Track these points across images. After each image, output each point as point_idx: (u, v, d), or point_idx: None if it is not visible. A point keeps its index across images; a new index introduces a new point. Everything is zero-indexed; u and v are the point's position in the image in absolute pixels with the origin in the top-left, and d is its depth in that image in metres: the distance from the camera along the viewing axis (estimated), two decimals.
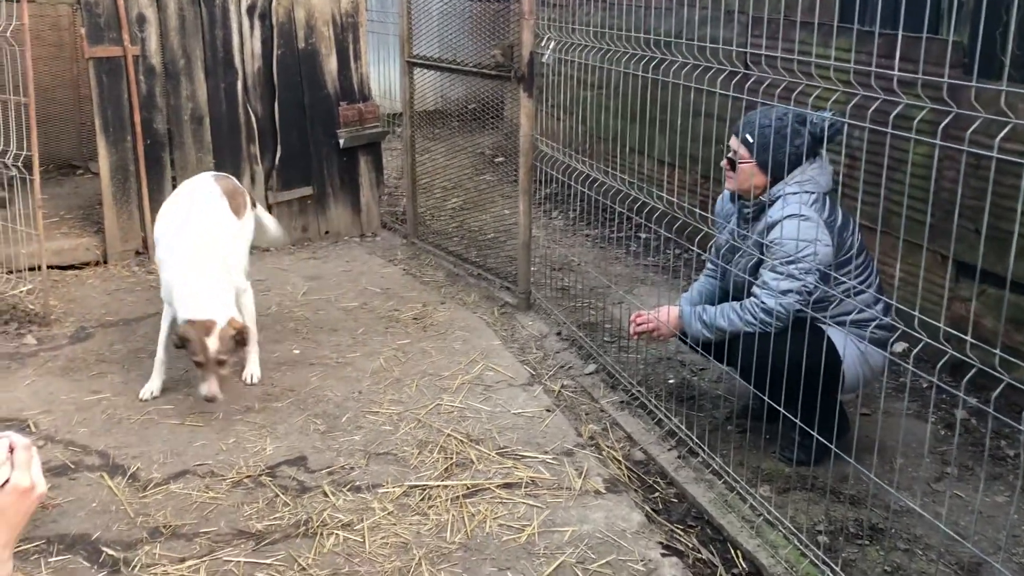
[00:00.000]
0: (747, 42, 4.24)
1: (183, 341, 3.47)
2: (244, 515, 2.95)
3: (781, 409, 2.84)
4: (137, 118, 5.27)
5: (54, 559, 2.72)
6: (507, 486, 3.12)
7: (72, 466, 3.22)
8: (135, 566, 2.69)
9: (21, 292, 4.69)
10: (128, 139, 5.29)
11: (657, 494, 3.13)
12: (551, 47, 4.34)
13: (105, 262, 5.36)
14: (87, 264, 5.34)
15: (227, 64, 5.50)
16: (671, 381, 3.89)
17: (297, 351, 4.24)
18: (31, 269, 4.76)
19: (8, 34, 4.41)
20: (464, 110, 8.35)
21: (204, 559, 2.72)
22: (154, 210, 5.40)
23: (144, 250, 5.44)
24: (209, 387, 3.44)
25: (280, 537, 2.84)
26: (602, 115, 4.91)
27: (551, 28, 4.41)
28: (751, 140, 3.07)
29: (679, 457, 3.30)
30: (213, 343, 3.42)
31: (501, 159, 7.37)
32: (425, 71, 5.71)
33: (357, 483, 3.14)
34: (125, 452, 3.33)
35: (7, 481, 1.30)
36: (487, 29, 5.56)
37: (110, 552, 2.75)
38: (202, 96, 5.46)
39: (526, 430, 3.51)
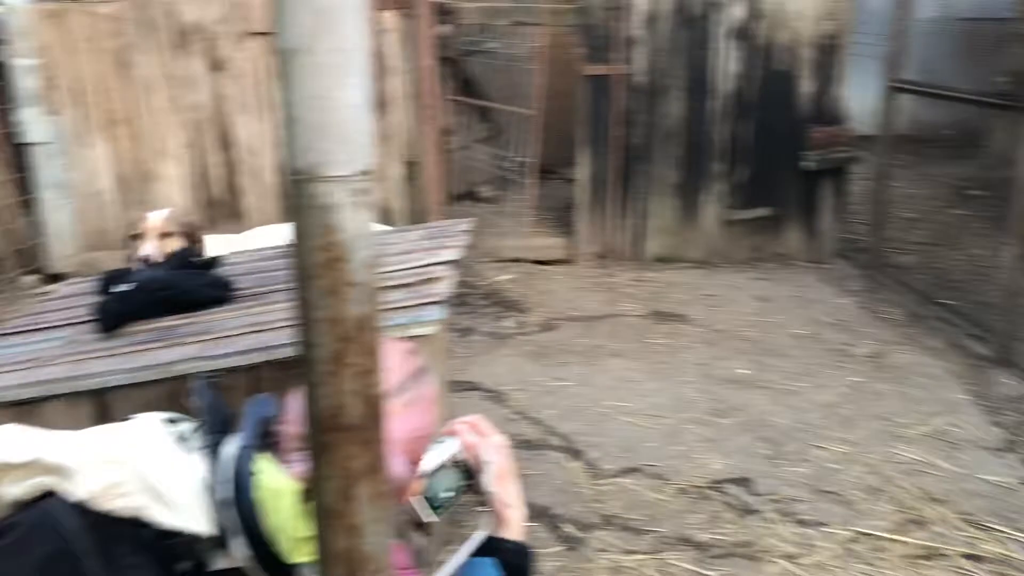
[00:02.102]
0: None
1: None
2: (688, 523, 3.06)
3: None
4: (616, 132, 5.68)
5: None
6: (972, 557, 2.84)
7: (539, 443, 3.60)
8: (589, 547, 2.93)
9: (504, 280, 5.34)
10: (606, 151, 5.73)
11: None
12: None
13: (572, 261, 5.86)
14: (556, 261, 5.89)
15: (703, 84, 5.70)
16: None
17: (744, 371, 4.27)
18: (512, 260, 5.41)
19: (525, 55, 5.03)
20: (934, 136, 7.70)
21: (650, 556, 2.88)
22: (623, 218, 5.81)
23: (606, 255, 5.86)
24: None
25: (723, 553, 2.90)
26: None
27: None
28: None
29: None
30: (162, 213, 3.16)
31: (977, 192, 6.70)
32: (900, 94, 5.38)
33: (802, 516, 3.09)
34: (584, 439, 3.63)
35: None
36: (980, 51, 5.08)
37: (567, 530, 3.03)
38: (676, 114, 5.73)
39: (995, 500, 3.17)
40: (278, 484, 1.31)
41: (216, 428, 1.42)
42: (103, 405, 2.08)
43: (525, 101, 5.79)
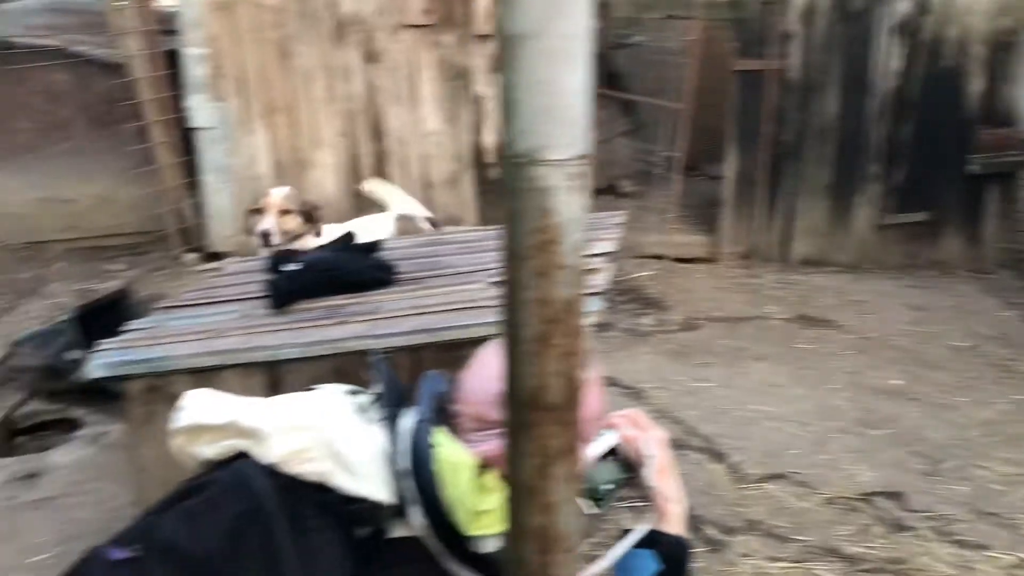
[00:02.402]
0: None
1: None
2: (835, 534, 2.96)
3: None
4: (767, 129, 5.53)
5: None
6: None
7: (680, 444, 3.55)
8: (732, 551, 2.87)
9: (644, 276, 5.29)
10: (755, 148, 5.59)
11: None
12: None
13: (714, 260, 5.75)
14: (698, 260, 5.78)
15: (861, 81, 5.47)
16: None
17: (897, 382, 4.08)
18: (653, 257, 5.35)
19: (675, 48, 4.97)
20: None
21: (796, 565, 2.80)
22: (769, 218, 5.66)
23: (750, 255, 5.71)
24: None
25: (872, 568, 2.79)
26: None
27: None
28: None
29: None
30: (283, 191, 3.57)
31: None
32: None
33: (960, 537, 2.93)
34: (726, 442, 3.56)
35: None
36: None
37: (709, 532, 2.98)
38: (832, 111, 5.52)
39: None
40: (456, 458, 1.35)
41: (393, 401, 1.48)
42: (274, 376, 2.19)
43: (671, 95, 5.71)
